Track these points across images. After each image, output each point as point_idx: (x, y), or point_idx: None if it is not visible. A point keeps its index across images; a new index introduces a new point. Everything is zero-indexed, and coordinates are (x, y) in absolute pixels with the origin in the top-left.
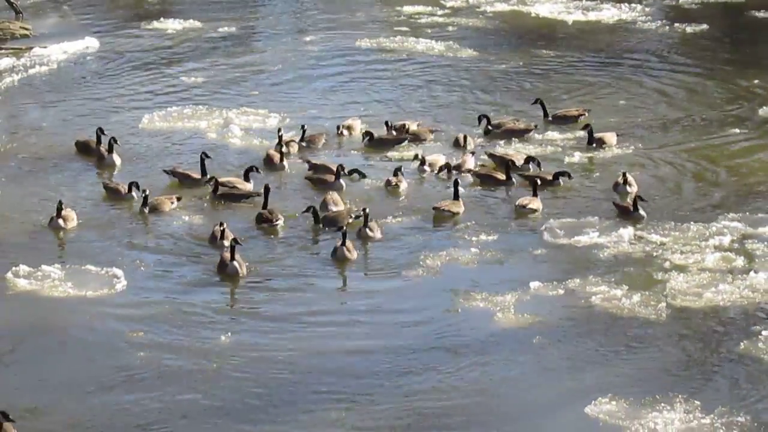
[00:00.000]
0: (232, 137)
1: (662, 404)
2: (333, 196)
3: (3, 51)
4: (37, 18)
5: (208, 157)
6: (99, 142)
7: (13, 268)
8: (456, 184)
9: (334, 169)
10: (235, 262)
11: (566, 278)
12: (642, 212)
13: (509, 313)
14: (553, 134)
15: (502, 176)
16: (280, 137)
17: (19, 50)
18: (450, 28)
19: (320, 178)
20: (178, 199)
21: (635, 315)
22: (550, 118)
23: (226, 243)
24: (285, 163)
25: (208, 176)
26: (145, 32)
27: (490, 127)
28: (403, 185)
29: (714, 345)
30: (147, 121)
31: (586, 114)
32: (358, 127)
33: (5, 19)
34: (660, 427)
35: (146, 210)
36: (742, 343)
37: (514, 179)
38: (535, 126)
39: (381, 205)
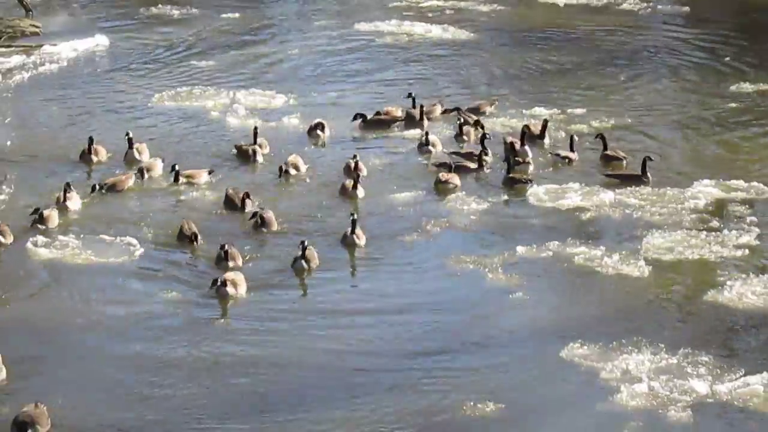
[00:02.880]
0: (234, 116)
1: (630, 347)
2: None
3: (13, 48)
4: (46, 15)
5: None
6: (90, 151)
7: (31, 239)
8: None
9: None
10: (228, 288)
11: (551, 240)
12: (649, 175)
13: (498, 273)
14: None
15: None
16: (255, 133)
17: (29, 48)
18: (448, 12)
19: (344, 185)
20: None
21: (613, 271)
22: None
23: (231, 264)
24: (300, 167)
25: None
26: (154, 25)
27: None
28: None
29: (683, 294)
30: (156, 100)
31: (497, 103)
32: (327, 129)
33: (15, 17)
34: (632, 367)
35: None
36: (708, 292)
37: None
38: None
39: (382, 180)
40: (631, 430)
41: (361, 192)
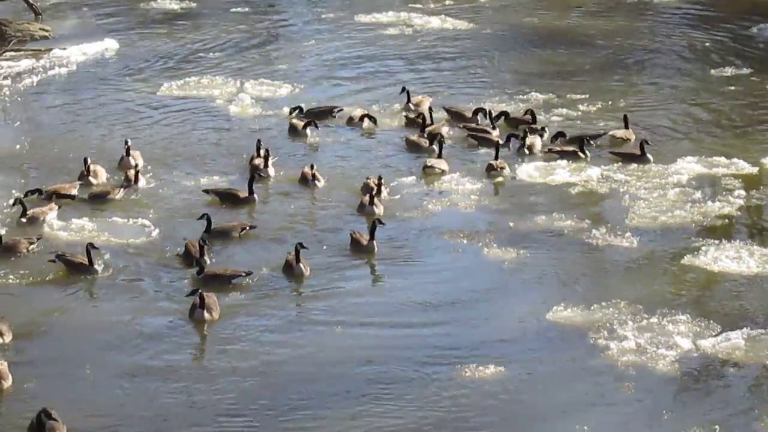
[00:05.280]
0: (237, 105)
1: (612, 309)
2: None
3: (22, 52)
4: (56, 19)
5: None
6: (88, 172)
7: (47, 223)
8: (440, 143)
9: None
10: (205, 312)
11: (542, 214)
12: (649, 156)
13: (492, 246)
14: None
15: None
16: (257, 147)
17: (39, 52)
18: (447, 2)
19: (362, 201)
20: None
21: (599, 240)
22: (411, 106)
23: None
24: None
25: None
26: (162, 22)
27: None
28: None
29: (662, 260)
30: (165, 89)
31: (431, 99)
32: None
33: (25, 21)
34: (616, 327)
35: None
36: (685, 257)
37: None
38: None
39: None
40: (625, 382)
41: (380, 209)
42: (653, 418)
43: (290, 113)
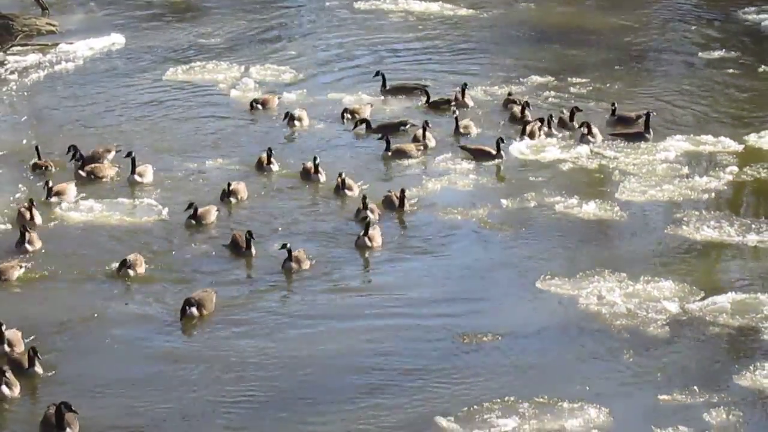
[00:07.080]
0: (239, 90)
1: (596, 277)
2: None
3: (29, 47)
4: (63, 14)
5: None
6: (83, 166)
7: (56, 204)
8: (424, 128)
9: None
10: (193, 309)
11: (534, 190)
12: (651, 132)
13: (487, 222)
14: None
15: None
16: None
17: (46, 46)
18: None
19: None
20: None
21: (588, 214)
22: (387, 88)
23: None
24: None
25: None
26: (168, 15)
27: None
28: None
29: (645, 229)
30: (171, 74)
31: (428, 86)
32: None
33: (32, 15)
34: (604, 292)
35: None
36: (668, 227)
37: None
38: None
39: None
40: (619, 345)
41: (375, 214)
42: (645, 379)
43: (251, 108)
